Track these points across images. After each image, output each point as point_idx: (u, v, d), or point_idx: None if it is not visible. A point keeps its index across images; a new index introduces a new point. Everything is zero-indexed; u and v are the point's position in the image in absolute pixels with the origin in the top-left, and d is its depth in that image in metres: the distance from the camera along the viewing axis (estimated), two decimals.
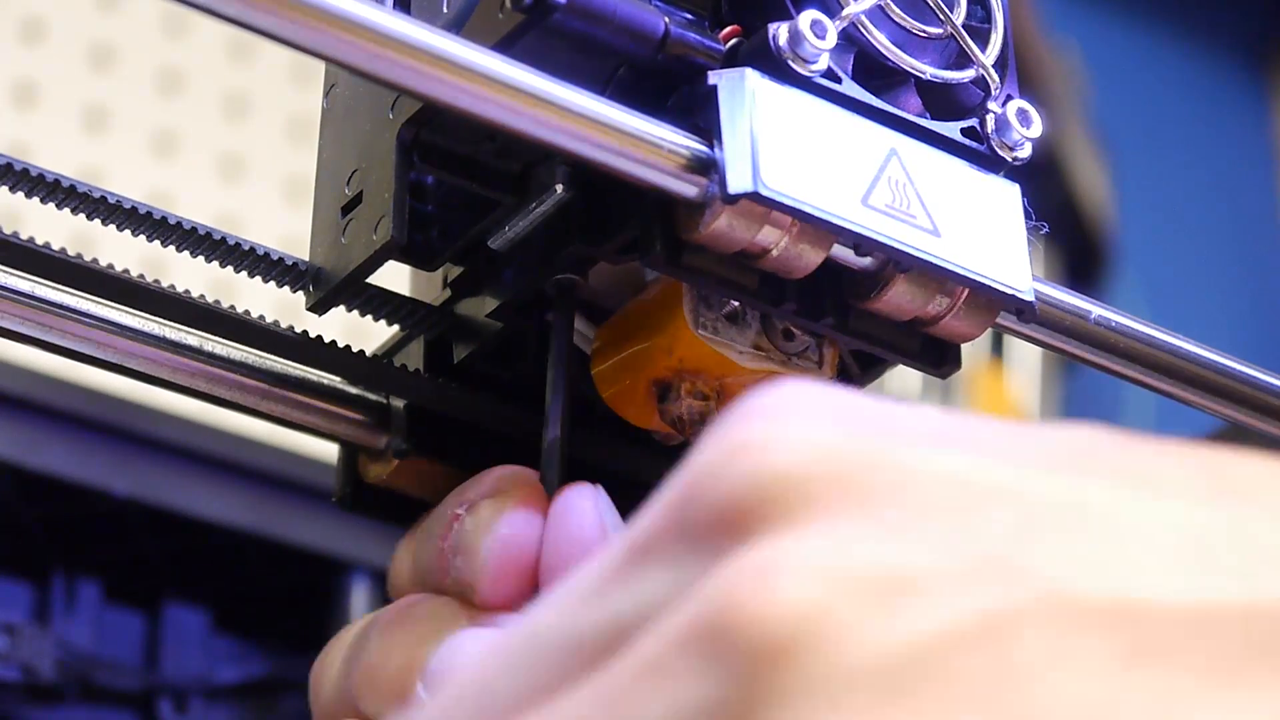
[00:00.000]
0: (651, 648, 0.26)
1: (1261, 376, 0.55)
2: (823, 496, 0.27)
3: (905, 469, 0.27)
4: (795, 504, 0.27)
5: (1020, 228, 0.49)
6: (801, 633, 0.25)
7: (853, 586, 0.25)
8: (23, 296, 0.49)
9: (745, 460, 0.27)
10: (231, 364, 0.51)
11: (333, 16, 0.42)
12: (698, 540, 0.27)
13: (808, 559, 0.26)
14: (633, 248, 0.48)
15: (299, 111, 1.92)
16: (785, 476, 0.27)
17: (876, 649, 0.25)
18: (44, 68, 1.89)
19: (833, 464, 0.27)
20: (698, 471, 0.28)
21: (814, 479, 0.27)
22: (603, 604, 0.28)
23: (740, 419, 0.28)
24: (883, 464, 0.27)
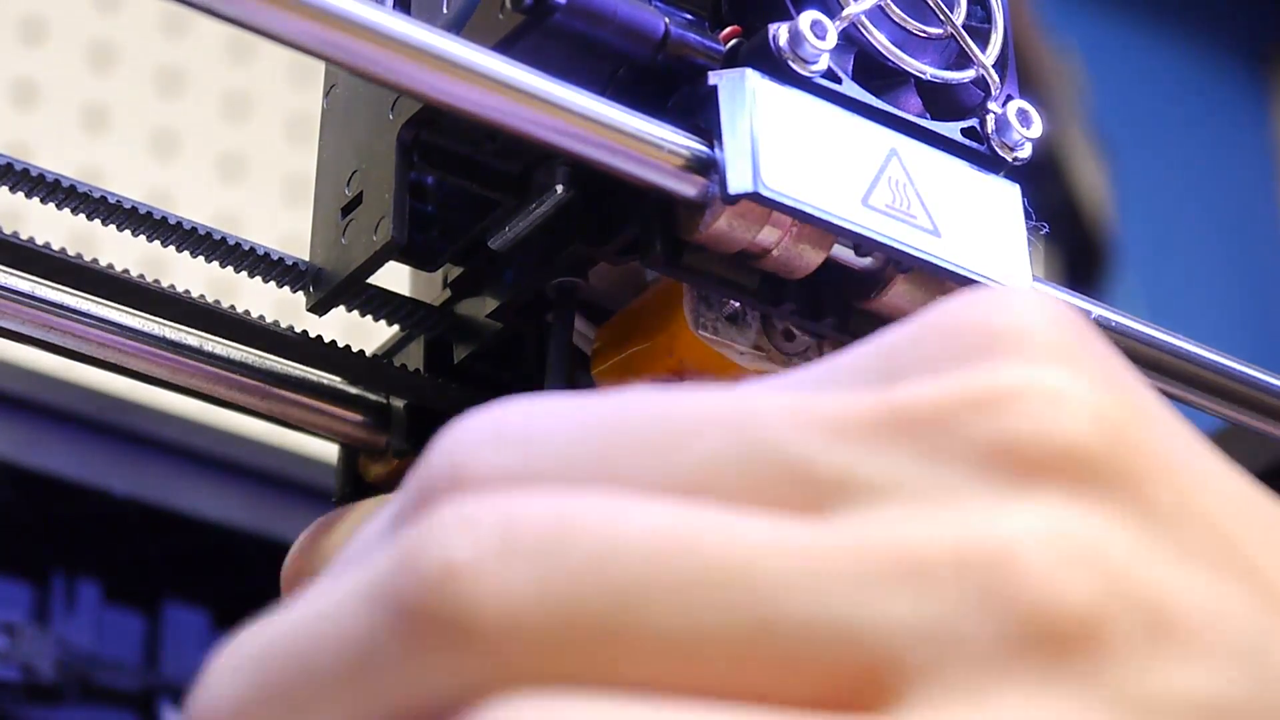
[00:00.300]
0: None
1: (1261, 376, 0.55)
2: (1103, 475, 0.26)
3: (1188, 491, 0.27)
4: (1073, 465, 0.26)
5: (1020, 228, 0.50)
6: (1072, 626, 0.25)
7: (1127, 603, 0.25)
8: (23, 296, 0.49)
9: (1034, 402, 0.26)
10: (231, 364, 0.51)
11: (333, 16, 0.42)
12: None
13: (1084, 531, 0.25)
14: (633, 248, 0.48)
15: (299, 111, 1.92)
16: (1077, 438, 0.26)
17: (1132, 671, 0.25)
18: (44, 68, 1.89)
19: (1122, 446, 0.27)
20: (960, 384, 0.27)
21: (1102, 452, 0.26)
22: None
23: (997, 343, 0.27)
24: (1169, 473, 0.27)
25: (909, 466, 0.26)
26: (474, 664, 0.24)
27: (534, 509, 0.25)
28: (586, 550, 0.25)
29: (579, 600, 0.24)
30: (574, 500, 0.25)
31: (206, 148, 1.93)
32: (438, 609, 0.24)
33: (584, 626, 0.24)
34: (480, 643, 0.24)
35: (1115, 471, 0.26)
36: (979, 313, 0.28)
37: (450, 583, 0.24)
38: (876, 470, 0.26)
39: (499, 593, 0.24)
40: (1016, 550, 0.25)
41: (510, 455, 0.26)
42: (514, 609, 0.24)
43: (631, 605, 0.24)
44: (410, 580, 0.25)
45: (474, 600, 0.24)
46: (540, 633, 0.24)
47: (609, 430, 0.26)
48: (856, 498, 0.26)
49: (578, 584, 0.24)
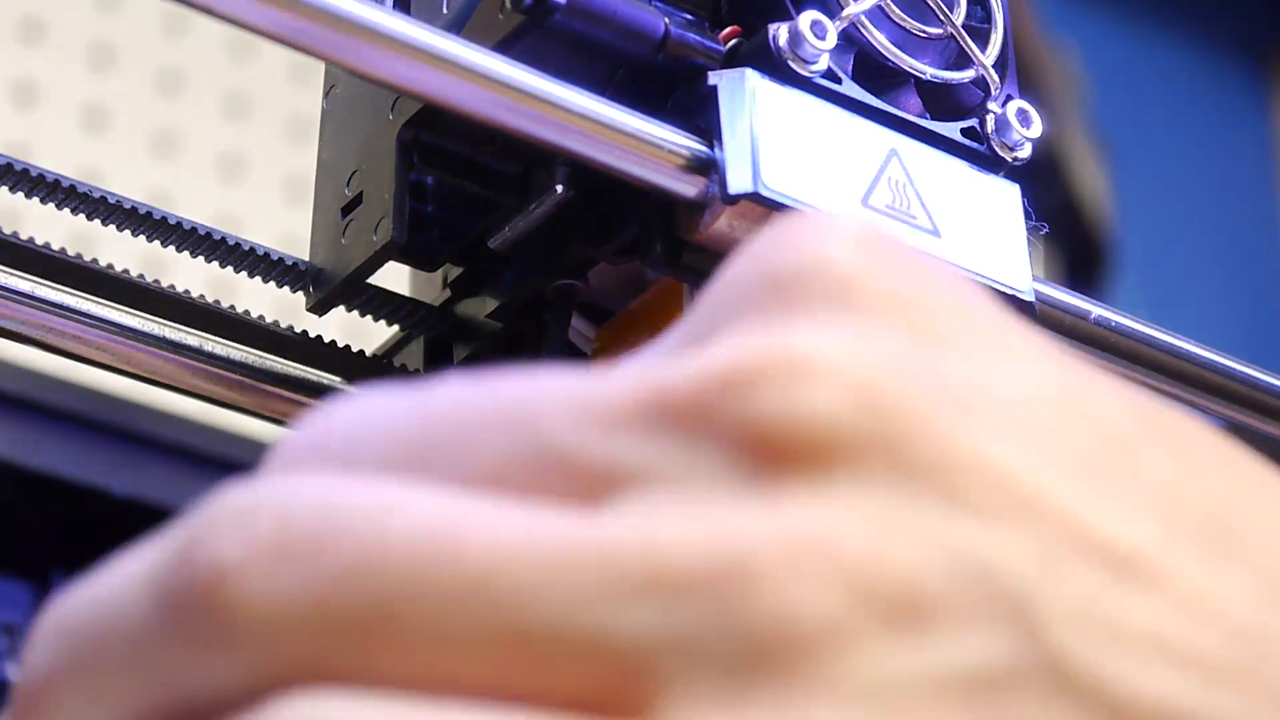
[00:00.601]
0: None
1: (1261, 376, 0.55)
2: (856, 452, 0.26)
3: (950, 444, 0.26)
4: (823, 449, 0.26)
5: (1020, 228, 0.50)
6: (806, 634, 0.25)
7: (866, 599, 0.25)
8: (23, 296, 0.49)
9: (780, 361, 0.26)
10: (231, 364, 0.51)
11: (333, 16, 0.42)
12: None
13: (821, 530, 0.25)
14: (633, 248, 0.48)
15: (299, 111, 1.92)
16: (827, 417, 0.26)
17: (873, 666, 0.24)
18: (44, 68, 1.89)
19: (876, 418, 0.26)
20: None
21: (853, 428, 0.26)
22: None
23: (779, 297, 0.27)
24: (928, 434, 0.26)
25: (670, 455, 0.26)
26: (240, 661, 0.25)
27: (309, 503, 0.26)
28: (348, 552, 0.25)
29: (340, 600, 0.25)
30: (351, 493, 0.26)
31: (206, 148, 1.93)
32: (205, 606, 0.25)
33: (344, 626, 0.25)
34: (245, 641, 0.25)
35: (866, 443, 0.26)
36: (760, 254, 0.28)
37: (218, 580, 0.25)
38: (639, 459, 0.26)
39: (264, 592, 0.25)
40: (751, 557, 0.25)
41: (330, 453, 0.27)
42: (277, 608, 0.25)
43: (390, 606, 0.25)
44: (183, 574, 0.26)
45: (239, 599, 0.25)
46: (302, 632, 0.25)
47: (415, 427, 0.27)
48: (621, 488, 0.26)
49: (340, 584, 0.25)
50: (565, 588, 0.25)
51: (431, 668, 0.25)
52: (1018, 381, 0.27)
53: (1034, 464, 0.26)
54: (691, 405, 0.26)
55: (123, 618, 0.26)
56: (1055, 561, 0.26)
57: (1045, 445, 0.27)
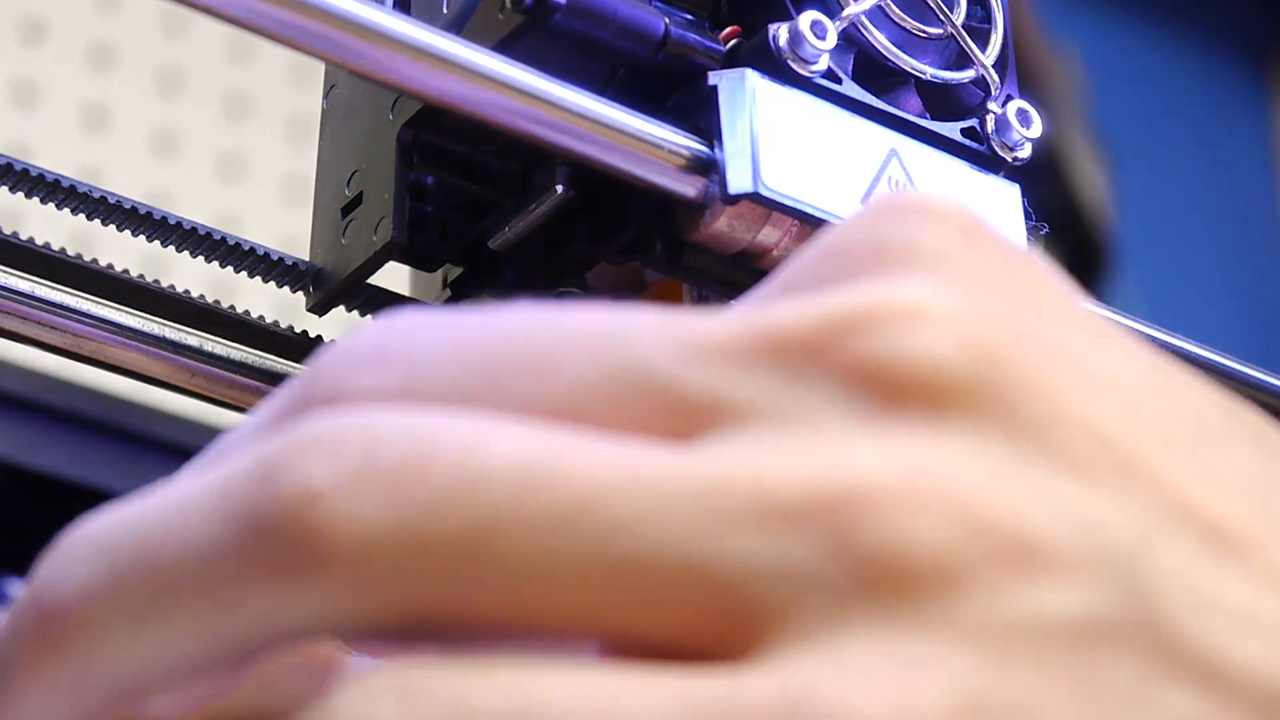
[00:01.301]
0: None
1: (1261, 376, 0.55)
2: (970, 398, 0.26)
3: (1059, 402, 0.26)
4: (938, 391, 0.26)
5: (1020, 228, 0.50)
6: (922, 567, 0.24)
7: (979, 536, 0.25)
8: (23, 296, 0.49)
9: (896, 315, 0.26)
10: (231, 364, 0.51)
11: (333, 16, 0.42)
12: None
13: (937, 467, 0.25)
14: (633, 248, 0.48)
15: (299, 111, 1.92)
16: (944, 360, 0.26)
17: (985, 605, 0.24)
18: (44, 68, 1.89)
19: (991, 367, 0.26)
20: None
21: (968, 374, 0.26)
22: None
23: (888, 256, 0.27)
24: (1039, 390, 0.26)
25: (776, 391, 0.26)
26: (326, 591, 0.24)
27: (398, 431, 0.25)
28: (445, 477, 0.24)
29: (434, 529, 0.24)
30: (439, 422, 0.25)
31: (206, 148, 1.93)
32: (289, 533, 0.24)
33: (442, 554, 0.24)
34: (337, 570, 0.24)
35: (979, 390, 0.26)
36: (868, 223, 0.28)
37: (305, 507, 0.24)
38: (743, 394, 0.26)
39: (358, 518, 0.24)
40: (866, 490, 0.25)
41: (390, 374, 0.26)
42: (372, 535, 0.24)
43: (486, 536, 0.24)
44: (266, 498, 0.24)
45: (332, 524, 0.24)
46: (398, 561, 0.24)
47: (487, 350, 0.26)
48: (721, 423, 0.26)
49: (433, 513, 0.24)
50: (671, 515, 0.24)
51: (526, 600, 0.24)
52: (1115, 361, 0.28)
53: (1135, 433, 0.27)
54: (803, 342, 0.26)
55: (188, 542, 0.25)
56: (1157, 526, 0.26)
57: (1143, 418, 0.27)
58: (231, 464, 0.25)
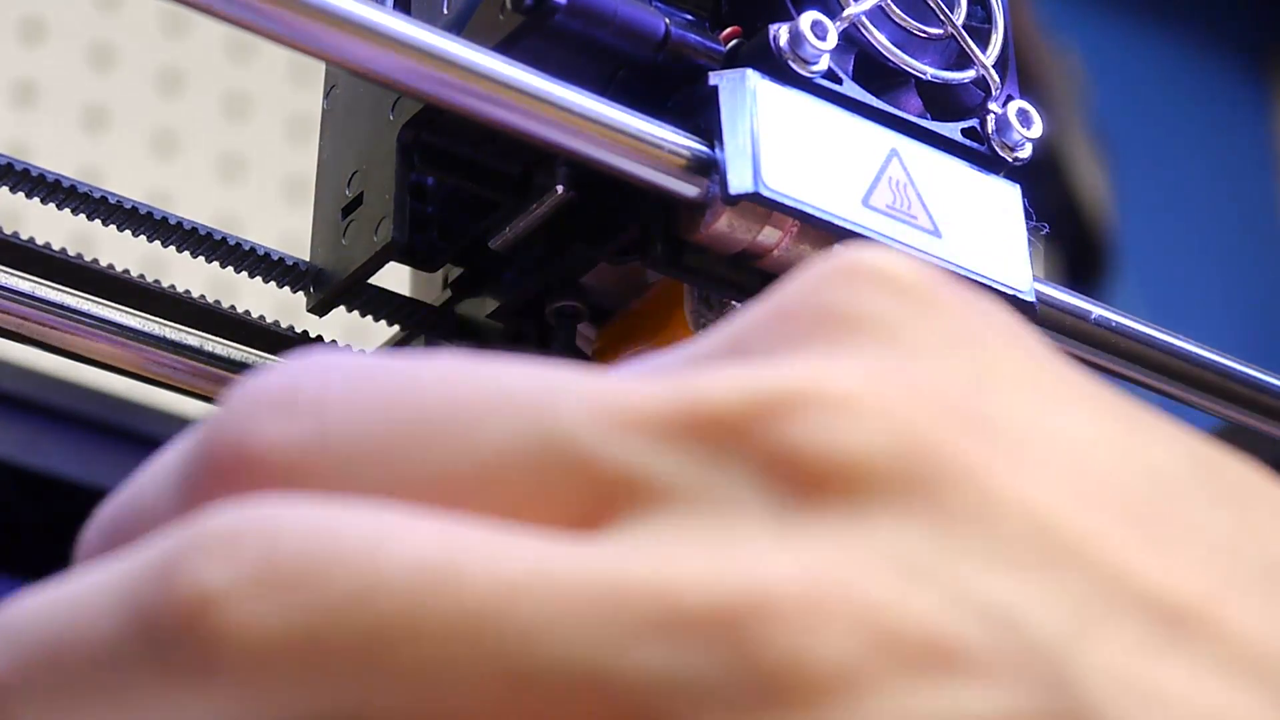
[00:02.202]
0: None
1: (1261, 376, 0.55)
2: (893, 490, 0.25)
3: (992, 488, 0.25)
4: (858, 483, 0.25)
5: (1020, 228, 0.50)
6: (820, 679, 0.24)
7: (885, 641, 0.24)
8: (23, 296, 0.49)
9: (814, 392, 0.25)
10: (231, 364, 0.51)
11: (333, 17, 0.42)
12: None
13: (844, 572, 0.24)
14: (633, 248, 0.48)
15: (299, 111, 1.92)
16: (867, 451, 0.25)
17: (889, 709, 0.24)
18: (44, 68, 1.89)
19: (917, 457, 0.25)
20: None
21: (892, 465, 0.25)
22: None
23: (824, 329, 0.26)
24: (970, 477, 0.25)
25: (696, 472, 0.25)
26: (221, 695, 0.24)
27: (297, 529, 0.24)
28: (343, 583, 0.24)
29: (331, 636, 0.24)
30: (340, 518, 0.24)
31: (206, 148, 1.93)
32: (187, 632, 0.24)
33: (335, 663, 0.24)
34: (229, 675, 0.24)
35: (902, 483, 0.25)
36: (817, 286, 0.27)
37: (200, 610, 0.24)
38: (662, 472, 0.25)
39: (252, 622, 0.24)
40: (769, 598, 0.24)
41: (299, 428, 0.25)
42: (267, 640, 0.24)
43: (384, 644, 0.24)
44: (162, 599, 0.24)
45: (225, 627, 0.24)
46: (289, 669, 0.24)
47: (404, 406, 0.25)
48: (636, 504, 0.25)
49: (331, 619, 0.24)
50: (572, 624, 0.24)
51: (431, 707, 0.24)
52: (1073, 423, 0.27)
53: (1081, 509, 0.25)
54: (728, 422, 0.25)
55: (88, 634, 0.25)
56: (1095, 615, 0.25)
57: (1095, 490, 0.26)
58: (137, 557, 0.25)
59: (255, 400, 0.26)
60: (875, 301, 0.27)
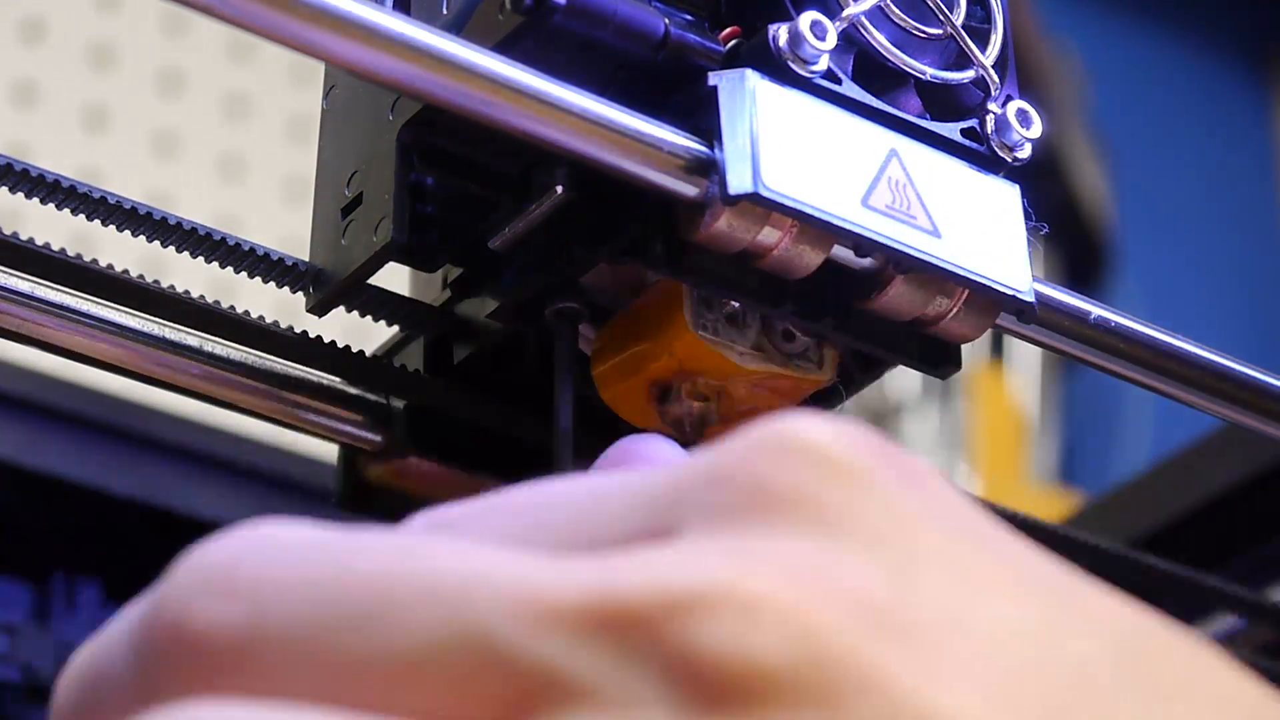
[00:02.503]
0: None
1: (1261, 376, 0.55)
2: (792, 703, 0.25)
3: (895, 700, 0.25)
4: (757, 695, 0.25)
5: (1020, 228, 0.50)
6: None
7: None
8: (23, 296, 0.49)
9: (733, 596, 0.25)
10: (231, 364, 0.51)
11: (333, 17, 0.42)
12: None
13: None
14: (633, 249, 0.48)
15: (299, 111, 1.92)
16: (766, 661, 0.25)
17: None
18: (44, 68, 1.89)
19: (819, 667, 0.25)
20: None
21: (793, 676, 0.25)
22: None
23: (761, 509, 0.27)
24: (872, 688, 0.25)
25: (609, 670, 0.25)
26: None
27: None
28: None
29: None
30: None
31: (206, 148, 1.93)
32: None
33: None
34: None
35: (803, 693, 0.25)
36: (749, 457, 0.27)
37: None
38: (578, 670, 0.25)
39: None
40: None
41: (236, 612, 0.26)
42: None
43: None
44: None
45: None
46: None
47: (333, 591, 0.26)
48: (554, 703, 0.25)
49: None
50: None
51: None
52: (998, 613, 0.27)
53: (992, 715, 0.25)
54: (638, 619, 0.25)
55: None
56: None
57: (1011, 692, 0.26)
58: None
59: (196, 578, 0.27)
60: (807, 481, 0.27)
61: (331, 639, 0.26)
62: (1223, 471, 0.81)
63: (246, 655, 0.26)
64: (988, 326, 0.50)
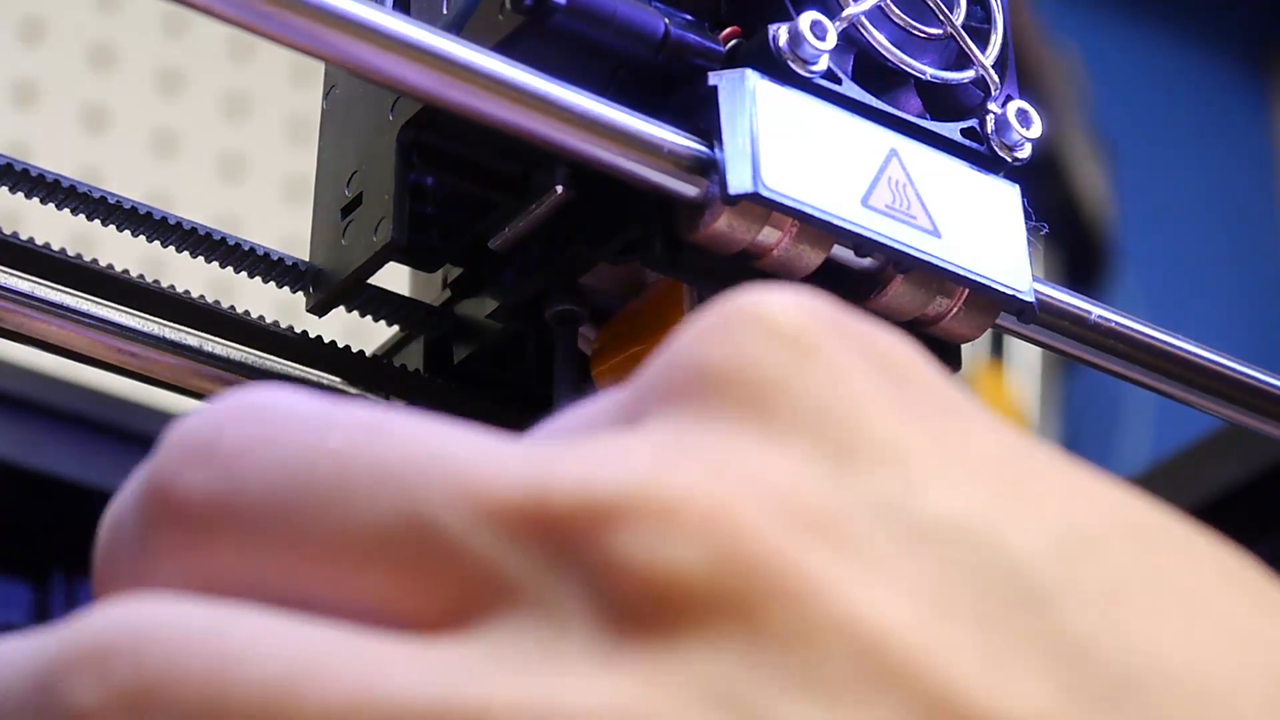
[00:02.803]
0: None
1: (1261, 376, 0.55)
2: (709, 614, 0.24)
3: (816, 608, 0.24)
4: (674, 608, 0.24)
5: (1020, 228, 0.50)
6: None
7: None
8: (23, 296, 0.49)
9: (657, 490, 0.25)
10: (231, 364, 0.51)
11: (333, 17, 0.42)
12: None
13: (645, 711, 0.24)
14: (633, 248, 0.48)
15: (299, 111, 1.92)
16: (685, 572, 0.24)
17: None
18: (44, 68, 1.89)
19: (736, 575, 0.24)
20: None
21: (709, 586, 0.24)
22: None
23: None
24: (793, 596, 0.24)
25: (541, 575, 0.25)
26: None
27: (162, 650, 0.26)
28: (194, 705, 0.25)
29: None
30: (203, 633, 0.26)
31: (206, 148, 1.93)
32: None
33: None
34: None
35: (719, 606, 0.24)
36: (698, 337, 0.27)
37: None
38: (514, 571, 0.25)
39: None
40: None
41: (214, 480, 0.27)
42: None
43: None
44: (41, 711, 0.26)
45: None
46: None
47: (302, 470, 0.27)
48: (490, 604, 0.25)
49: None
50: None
51: None
52: (941, 503, 0.25)
53: (921, 623, 0.24)
54: (563, 527, 0.25)
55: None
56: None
57: (939, 595, 0.25)
58: (30, 663, 0.27)
59: (181, 446, 0.28)
60: (751, 356, 0.26)
61: (295, 515, 0.26)
62: (1223, 471, 0.81)
63: (223, 520, 0.27)
64: (988, 326, 0.50)
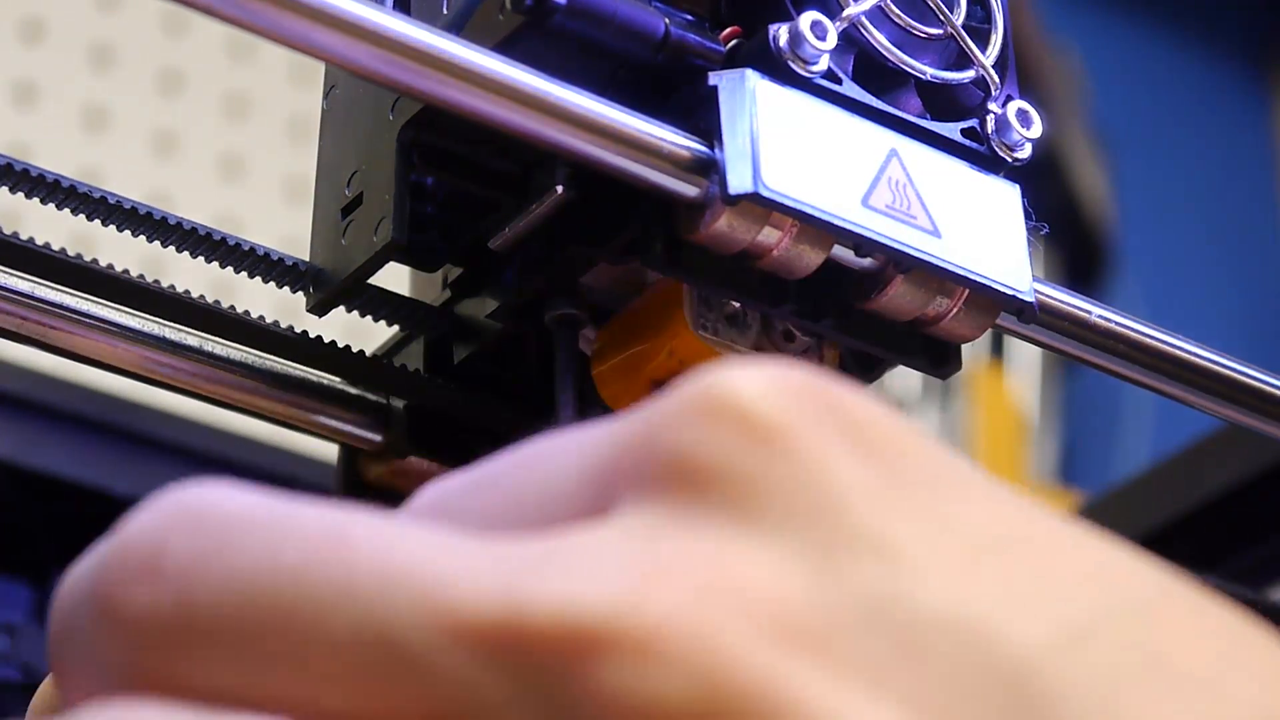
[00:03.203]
0: None
1: (1261, 376, 0.55)
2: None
3: (805, 700, 0.24)
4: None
5: (1020, 228, 0.50)
6: None
7: None
8: (23, 296, 0.49)
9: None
10: (231, 364, 0.51)
11: (333, 17, 0.42)
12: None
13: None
14: (633, 248, 0.48)
15: (299, 111, 1.92)
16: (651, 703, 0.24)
17: None
18: (44, 68, 1.89)
19: (713, 700, 0.24)
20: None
21: (696, 713, 0.24)
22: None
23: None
24: (776, 713, 0.24)
25: (516, 699, 0.25)
26: None
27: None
28: None
29: None
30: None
31: (206, 148, 1.93)
32: None
33: None
34: None
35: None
36: (671, 423, 0.26)
37: None
38: (488, 693, 0.25)
39: None
40: None
41: (163, 597, 0.26)
42: None
43: None
44: None
45: None
46: None
47: (262, 588, 0.26)
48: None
49: None
50: None
51: None
52: (933, 599, 0.25)
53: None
54: (540, 653, 0.25)
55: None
56: None
57: (933, 702, 0.24)
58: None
59: (124, 558, 0.27)
60: (725, 450, 0.26)
61: (253, 634, 0.26)
62: (1223, 471, 0.81)
63: (177, 638, 0.26)
64: (988, 326, 0.50)
